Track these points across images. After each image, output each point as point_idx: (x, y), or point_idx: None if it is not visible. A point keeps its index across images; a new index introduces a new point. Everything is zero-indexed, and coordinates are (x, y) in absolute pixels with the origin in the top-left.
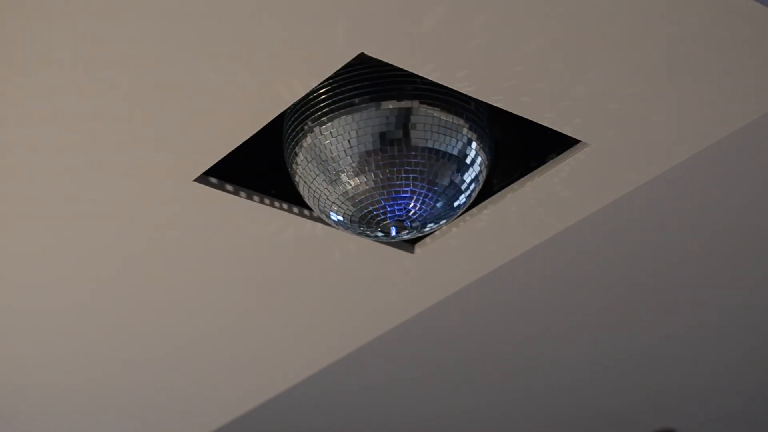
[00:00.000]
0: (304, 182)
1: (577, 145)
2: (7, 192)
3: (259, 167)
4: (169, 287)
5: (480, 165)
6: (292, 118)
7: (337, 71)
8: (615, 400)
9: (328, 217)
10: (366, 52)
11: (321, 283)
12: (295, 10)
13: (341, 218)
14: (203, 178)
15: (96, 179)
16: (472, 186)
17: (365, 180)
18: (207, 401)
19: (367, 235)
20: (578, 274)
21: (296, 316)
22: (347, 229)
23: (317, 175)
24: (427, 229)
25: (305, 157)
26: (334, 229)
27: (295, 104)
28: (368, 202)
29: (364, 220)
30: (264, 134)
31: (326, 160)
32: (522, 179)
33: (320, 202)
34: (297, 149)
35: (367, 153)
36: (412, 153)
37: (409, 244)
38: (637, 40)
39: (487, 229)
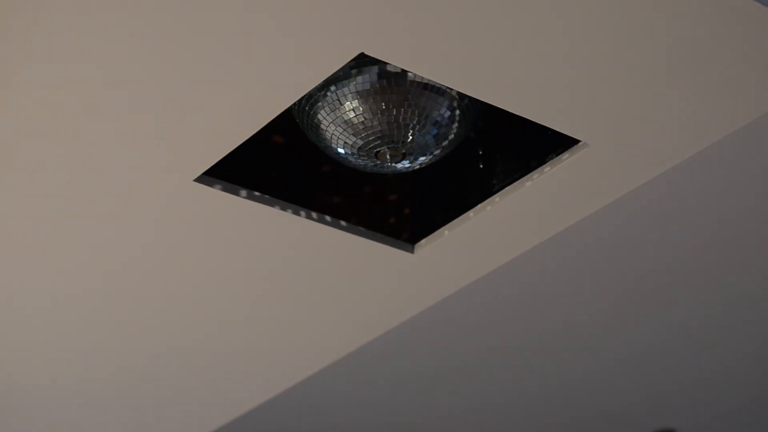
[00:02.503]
0: (317, 126)
1: (577, 145)
2: (7, 194)
3: (259, 167)
4: (167, 288)
5: (467, 105)
6: None
7: None
8: (615, 400)
9: (336, 152)
10: (366, 52)
11: (321, 283)
12: (295, 11)
13: (345, 150)
14: (203, 178)
15: (95, 180)
16: (460, 122)
17: (365, 113)
18: (207, 401)
19: (367, 167)
20: (578, 274)
21: (296, 316)
22: (351, 161)
23: (325, 117)
24: (420, 161)
25: (322, 111)
26: (334, 230)
27: None
28: (367, 132)
29: (364, 150)
30: (264, 134)
31: (335, 104)
32: (522, 179)
33: (330, 141)
34: (315, 106)
35: (369, 90)
36: (407, 89)
37: (409, 244)
38: (637, 40)
39: (487, 229)
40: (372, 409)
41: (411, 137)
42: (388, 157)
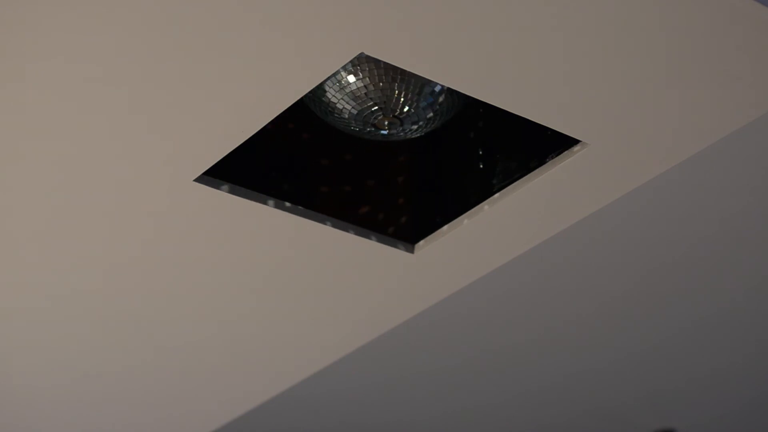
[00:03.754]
0: (324, 99)
1: (577, 145)
2: (5, 195)
3: (259, 167)
4: (166, 287)
5: None
6: None
7: None
8: (615, 400)
9: (336, 120)
10: (366, 52)
11: (320, 283)
12: (294, 11)
13: (346, 116)
14: (203, 178)
15: (94, 180)
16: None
17: (365, 83)
18: (205, 401)
19: (367, 133)
20: (578, 274)
21: (295, 316)
22: (351, 126)
23: (331, 87)
24: (417, 128)
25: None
26: (333, 229)
27: None
28: (366, 100)
29: (361, 117)
30: (264, 133)
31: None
32: (522, 179)
33: (330, 108)
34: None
35: (366, 59)
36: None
37: (409, 244)
38: (637, 39)
39: (487, 229)
40: (371, 409)
41: (407, 105)
42: (385, 124)
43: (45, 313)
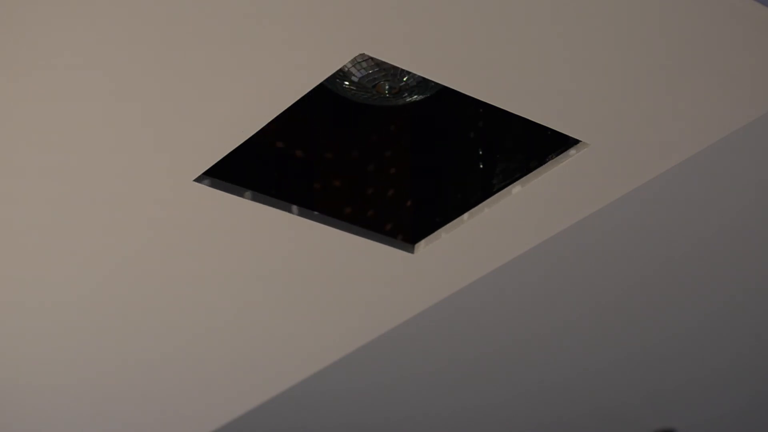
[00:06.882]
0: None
1: (577, 145)
2: (4, 197)
3: (259, 167)
4: (166, 287)
5: None
6: None
7: None
8: (615, 400)
9: (338, 86)
10: (366, 52)
11: (320, 283)
12: (294, 10)
13: (349, 83)
14: (203, 178)
15: (93, 179)
16: None
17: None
18: (206, 401)
19: (369, 96)
20: (578, 274)
21: (295, 316)
22: (354, 91)
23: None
24: (412, 95)
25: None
26: (333, 230)
27: None
28: (369, 69)
29: (362, 83)
30: (264, 133)
31: None
32: (522, 179)
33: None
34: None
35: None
36: None
37: (409, 244)
38: (637, 39)
39: (487, 229)
40: (372, 409)
41: (406, 75)
42: (386, 87)
43: (41, 312)
